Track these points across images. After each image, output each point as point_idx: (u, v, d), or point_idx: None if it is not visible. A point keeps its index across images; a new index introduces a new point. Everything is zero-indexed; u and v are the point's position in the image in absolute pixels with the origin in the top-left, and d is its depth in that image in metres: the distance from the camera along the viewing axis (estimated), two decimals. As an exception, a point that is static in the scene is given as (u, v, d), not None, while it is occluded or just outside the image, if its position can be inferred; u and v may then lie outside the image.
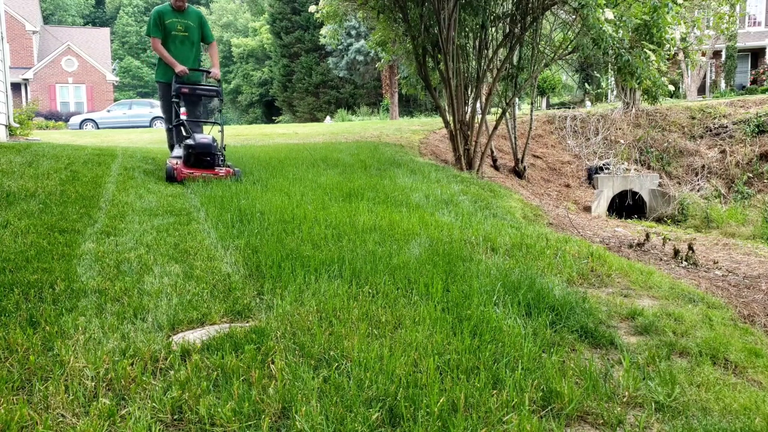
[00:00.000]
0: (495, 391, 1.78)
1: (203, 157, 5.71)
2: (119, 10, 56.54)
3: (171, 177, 5.61)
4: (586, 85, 23.60)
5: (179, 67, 6.05)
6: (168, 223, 3.90)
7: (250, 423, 1.53)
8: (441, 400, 1.64)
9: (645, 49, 8.43)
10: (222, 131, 6.17)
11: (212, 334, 2.08)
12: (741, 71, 28.56)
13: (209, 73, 6.31)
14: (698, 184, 14.22)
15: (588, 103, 23.70)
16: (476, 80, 9.61)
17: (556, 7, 9.23)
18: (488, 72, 9.85)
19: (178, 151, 6.06)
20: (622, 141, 15.09)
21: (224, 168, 5.85)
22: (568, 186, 13.12)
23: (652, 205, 13.49)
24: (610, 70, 13.05)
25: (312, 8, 11.53)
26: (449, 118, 9.52)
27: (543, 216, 7.79)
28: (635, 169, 14.28)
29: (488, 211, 5.93)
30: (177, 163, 5.75)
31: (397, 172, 7.13)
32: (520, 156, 11.98)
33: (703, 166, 14.61)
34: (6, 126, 9.71)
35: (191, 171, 5.64)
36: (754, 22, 29.28)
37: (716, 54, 27.77)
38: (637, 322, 2.68)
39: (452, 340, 2.11)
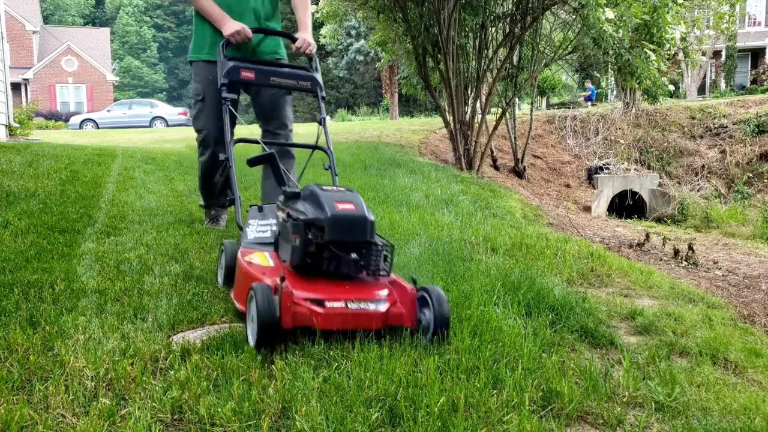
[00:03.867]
0: (495, 391, 1.78)
1: (347, 251, 2.15)
2: (119, 10, 56.54)
3: (271, 323, 1.89)
4: (586, 84, 23.60)
5: (231, 26, 3.13)
6: (168, 222, 3.90)
7: (250, 423, 1.53)
8: (441, 400, 1.64)
9: (645, 49, 8.44)
10: (333, 166, 3.01)
11: (212, 334, 2.08)
12: (741, 71, 28.57)
13: (293, 40, 3.24)
14: (698, 184, 14.22)
15: (588, 103, 23.69)
16: (476, 80, 9.61)
17: (556, 6, 9.24)
18: (488, 72, 9.85)
19: (261, 228, 2.62)
20: (622, 141, 15.10)
21: (386, 275, 2.26)
22: (568, 186, 13.12)
23: (652, 205, 13.49)
24: (610, 70, 13.07)
25: (312, 8, 11.54)
26: (449, 118, 9.53)
27: (543, 216, 7.80)
28: (635, 169, 14.28)
29: (488, 211, 5.93)
30: (283, 281, 1.98)
31: (397, 172, 7.13)
32: (520, 156, 11.99)
33: (703, 166, 14.61)
34: (6, 126, 9.71)
35: (318, 297, 2.04)
36: (754, 22, 29.29)
37: (716, 54, 27.79)
38: (637, 322, 2.68)
39: (452, 340, 2.11)
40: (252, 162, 2.72)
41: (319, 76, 3.12)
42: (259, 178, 3.82)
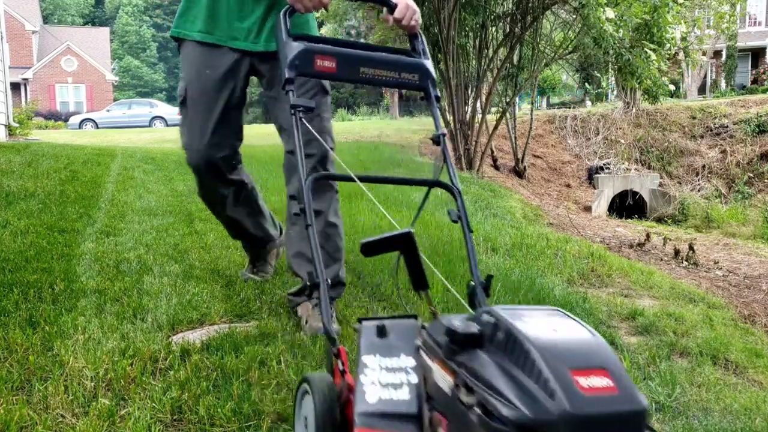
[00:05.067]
0: (495, 392, 1.78)
1: None
2: (119, 9, 56.53)
3: None
4: (586, 84, 23.59)
5: None
6: (168, 222, 3.90)
7: (250, 423, 1.53)
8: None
9: (645, 49, 8.44)
10: (464, 217, 1.64)
11: (212, 334, 2.07)
12: (741, 71, 28.56)
13: (391, 8, 1.87)
14: (699, 184, 14.22)
15: (588, 102, 23.68)
16: (476, 80, 9.61)
17: (556, 6, 9.24)
18: (488, 71, 9.85)
19: (388, 377, 1.19)
20: (622, 141, 15.09)
21: None
22: (568, 186, 13.11)
23: (652, 205, 13.48)
24: (610, 70, 13.07)
25: (312, 8, 11.52)
26: (449, 117, 9.52)
27: (543, 216, 7.79)
28: (635, 169, 14.28)
29: (488, 210, 5.93)
30: None
31: (397, 172, 7.12)
32: (520, 156, 11.98)
33: (704, 166, 14.61)
34: (5, 126, 9.71)
35: None
36: (755, 22, 29.29)
37: (716, 54, 27.78)
38: (638, 322, 2.68)
39: (452, 340, 2.11)
40: (369, 248, 1.44)
41: (430, 65, 1.82)
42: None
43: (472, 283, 1.48)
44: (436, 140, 1.76)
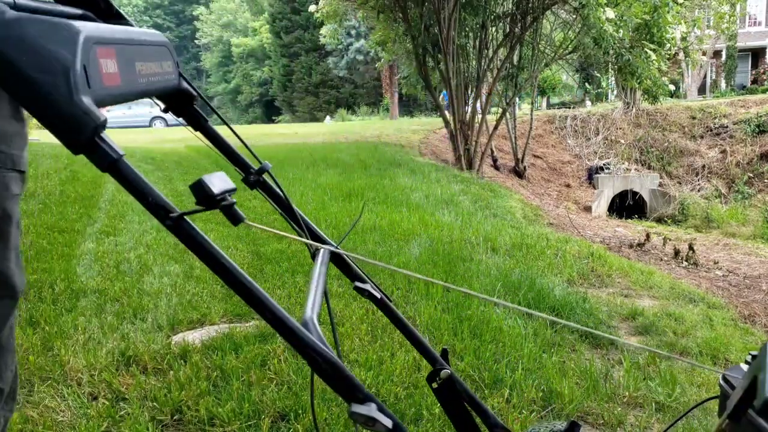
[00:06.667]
0: (495, 392, 1.78)
1: None
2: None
3: None
4: (586, 84, 23.58)
5: None
6: (168, 222, 3.89)
7: (250, 423, 1.53)
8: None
9: (645, 49, 8.44)
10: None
11: (212, 334, 2.07)
12: (741, 71, 28.54)
13: None
14: (699, 184, 14.21)
15: (588, 102, 23.67)
16: (476, 80, 9.61)
17: (556, 6, 9.24)
18: (488, 72, 9.85)
19: None
20: (622, 141, 15.09)
21: None
22: (568, 186, 13.11)
23: (652, 205, 13.48)
24: (610, 70, 13.06)
25: (312, 8, 11.53)
26: (449, 117, 9.52)
27: (543, 216, 7.79)
28: (635, 169, 14.28)
29: (488, 211, 5.92)
30: None
31: (397, 172, 7.12)
32: (520, 156, 11.98)
33: (704, 166, 14.60)
34: (6, 126, 9.71)
35: None
36: (755, 22, 29.28)
37: (716, 54, 27.76)
38: (638, 322, 2.68)
39: (452, 341, 2.11)
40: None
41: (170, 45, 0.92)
42: None
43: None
44: (255, 180, 1.02)
